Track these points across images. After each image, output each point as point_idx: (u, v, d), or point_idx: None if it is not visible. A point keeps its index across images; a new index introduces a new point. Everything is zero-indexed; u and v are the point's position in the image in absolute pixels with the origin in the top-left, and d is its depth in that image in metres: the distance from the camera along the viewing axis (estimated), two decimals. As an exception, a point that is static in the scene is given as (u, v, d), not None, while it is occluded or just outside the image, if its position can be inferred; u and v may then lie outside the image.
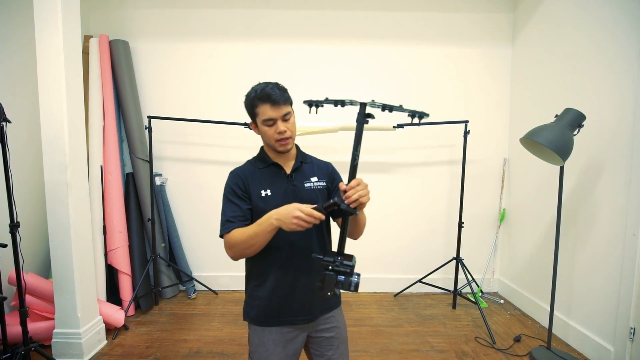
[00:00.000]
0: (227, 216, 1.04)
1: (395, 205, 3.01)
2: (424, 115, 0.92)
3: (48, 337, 2.02)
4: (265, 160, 1.12)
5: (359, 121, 0.93)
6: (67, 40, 1.89)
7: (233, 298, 2.89)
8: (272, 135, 1.05)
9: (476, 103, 2.95)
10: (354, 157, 0.94)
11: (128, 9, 2.89)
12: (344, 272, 0.90)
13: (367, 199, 0.91)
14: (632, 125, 1.82)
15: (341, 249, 0.94)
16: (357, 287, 0.89)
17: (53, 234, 1.94)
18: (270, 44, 2.91)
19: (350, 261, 0.91)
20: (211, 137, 2.96)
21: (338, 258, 0.92)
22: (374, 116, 0.93)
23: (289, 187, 1.08)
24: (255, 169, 1.11)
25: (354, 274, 0.90)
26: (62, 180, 1.91)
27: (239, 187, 1.06)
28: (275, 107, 1.01)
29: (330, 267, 0.91)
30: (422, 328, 2.42)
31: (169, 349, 2.13)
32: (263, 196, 1.05)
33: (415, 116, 0.93)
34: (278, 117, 1.03)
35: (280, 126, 1.03)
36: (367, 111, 0.93)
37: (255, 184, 1.07)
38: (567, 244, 2.22)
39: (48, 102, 1.89)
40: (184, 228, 3.03)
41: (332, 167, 1.21)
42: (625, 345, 1.83)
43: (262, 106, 1.02)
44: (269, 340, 1.08)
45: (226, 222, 1.03)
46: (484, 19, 2.91)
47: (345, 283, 0.89)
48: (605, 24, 2.00)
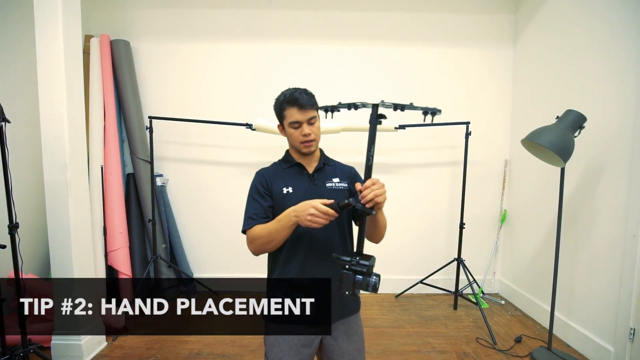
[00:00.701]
0: (250, 213, 1.09)
1: (397, 206, 3.00)
2: (436, 112, 0.93)
3: (47, 339, 2.00)
4: (289, 161, 1.17)
5: (371, 122, 0.95)
6: (67, 39, 1.88)
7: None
8: (298, 137, 1.09)
9: (478, 104, 2.96)
10: (368, 158, 0.96)
11: (129, 9, 2.88)
12: (361, 272, 0.91)
13: (384, 199, 0.93)
14: (632, 127, 1.83)
15: (360, 249, 0.96)
16: (375, 288, 0.90)
17: (53, 234, 1.93)
18: (271, 44, 2.91)
19: (367, 261, 0.92)
20: (212, 138, 2.95)
21: (356, 258, 0.93)
22: (386, 116, 0.95)
23: (310, 186, 1.12)
24: (280, 168, 1.16)
25: (372, 274, 0.91)
26: (62, 180, 1.90)
27: (262, 186, 1.11)
28: (301, 111, 1.06)
29: (347, 266, 0.92)
30: (423, 329, 2.42)
31: (170, 350, 2.12)
32: (285, 193, 1.10)
33: (428, 113, 0.94)
34: (304, 120, 1.07)
35: (305, 129, 1.08)
36: (379, 111, 0.95)
37: (277, 181, 1.12)
38: (568, 245, 2.22)
39: (48, 102, 1.88)
40: (185, 229, 3.02)
41: (355, 171, 1.25)
42: (625, 346, 1.84)
43: (290, 109, 1.07)
44: (284, 340, 1.08)
45: (248, 219, 1.08)
46: (485, 20, 2.92)
47: (363, 283, 0.90)
48: (608, 25, 2.01)
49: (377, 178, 0.95)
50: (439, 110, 0.93)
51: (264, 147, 2.86)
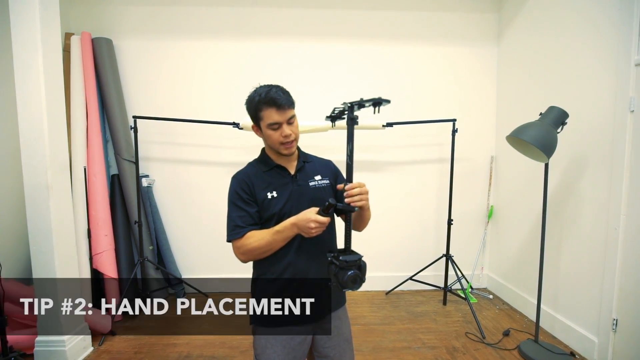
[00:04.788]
0: (236, 222, 1.05)
1: (385, 203, 3.02)
2: (382, 102, 0.94)
3: (30, 346, 1.94)
4: (267, 163, 1.13)
5: (348, 123, 0.99)
6: (45, 36, 1.83)
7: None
8: (278, 139, 1.05)
9: (464, 101, 3.00)
10: (348, 158, 0.99)
11: (110, 5, 2.81)
12: (343, 267, 0.95)
13: (366, 204, 0.99)
14: (612, 123, 1.87)
15: (347, 245, 1.00)
16: (354, 282, 0.93)
17: (33, 238, 1.88)
18: (260, 42, 2.88)
19: (352, 256, 0.97)
20: (200, 137, 2.91)
21: (343, 254, 0.98)
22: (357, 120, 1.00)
23: (295, 187, 1.10)
24: (259, 171, 1.11)
25: (352, 269, 0.94)
26: (42, 182, 1.85)
27: (245, 192, 1.07)
28: (280, 111, 1.02)
29: (329, 258, 0.99)
30: (413, 325, 2.44)
31: (158, 353, 2.08)
32: (270, 198, 1.07)
33: (377, 105, 0.96)
34: (283, 120, 1.04)
35: (285, 130, 1.04)
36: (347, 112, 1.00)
37: (260, 187, 1.08)
38: (553, 239, 2.27)
39: (26, 102, 1.82)
40: (173, 230, 2.97)
41: (334, 165, 1.24)
42: (608, 336, 1.89)
43: (267, 110, 1.03)
44: (277, 341, 1.07)
45: (235, 227, 1.05)
46: (471, 18, 2.95)
47: (340, 276, 0.94)
48: (588, 23, 2.06)
49: (363, 180, 1.00)
50: (386, 100, 0.94)
51: (252, 146, 2.82)
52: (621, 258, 1.83)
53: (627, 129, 1.79)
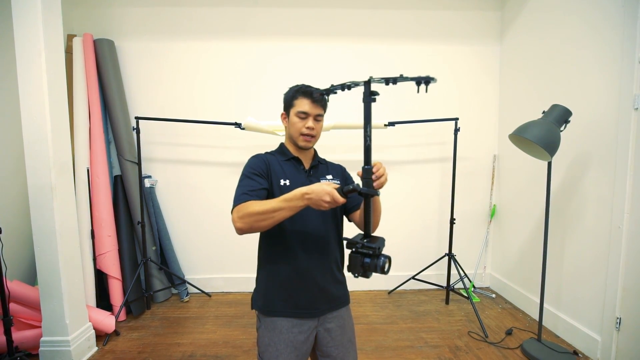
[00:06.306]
0: (244, 190, 1.03)
1: (388, 203, 2.99)
2: (430, 80, 0.87)
3: (35, 346, 1.96)
4: (285, 154, 1.18)
5: (365, 101, 0.92)
6: (48, 39, 1.83)
7: (227, 300, 2.87)
8: (300, 129, 1.11)
9: (466, 100, 2.99)
10: (366, 139, 0.92)
11: (112, 7, 2.82)
12: (367, 254, 0.90)
13: (385, 179, 0.96)
14: (616, 121, 1.86)
15: (367, 231, 0.96)
16: (383, 269, 0.88)
17: (38, 239, 1.88)
18: (261, 42, 2.88)
19: (374, 243, 0.91)
20: (202, 138, 2.92)
21: (364, 240, 0.92)
22: (378, 93, 0.94)
23: (307, 181, 1.13)
24: (277, 159, 1.15)
25: (381, 255, 0.89)
26: (46, 183, 1.86)
27: (261, 169, 1.09)
28: (313, 104, 1.11)
29: (354, 248, 0.92)
30: (416, 324, 2.44)
31: (162, 353, 2.09)
32: (282, 185, 1.10)
33: (421, 83, 0.89)
34: (312, 113, 1.11)
35: (310, 122, 1.11)
36: (372, 89, 0.93)
37: (276, 172, 1.11)
38: (556, 238, 2.26)
39: (29, 103, 1.83)
40: (176, 230, 2.98)
41: (345, 170, 1.28)
42: (612, 335, 1.89)
43: (302, 99, 1.11)
44: (280, 340, 1.08)
45: (242, 194, 1.02)
46: (473, 16, 2.94)
47: (372, 265, 0.89)
48: (591, 20, 2.04)
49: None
50: (432, 78, 0.87)
51: (254, 146, 2.84)
52: (624, 257, 1.82)
53: (631, 126, 1.77)
